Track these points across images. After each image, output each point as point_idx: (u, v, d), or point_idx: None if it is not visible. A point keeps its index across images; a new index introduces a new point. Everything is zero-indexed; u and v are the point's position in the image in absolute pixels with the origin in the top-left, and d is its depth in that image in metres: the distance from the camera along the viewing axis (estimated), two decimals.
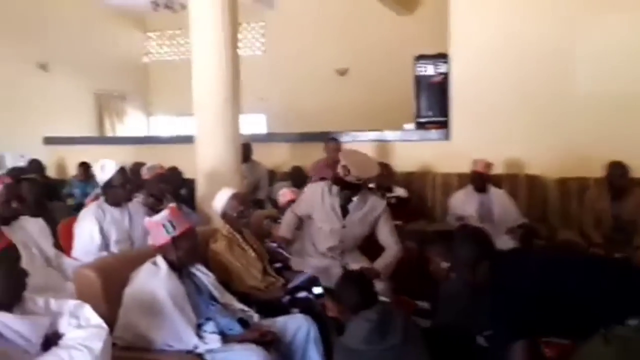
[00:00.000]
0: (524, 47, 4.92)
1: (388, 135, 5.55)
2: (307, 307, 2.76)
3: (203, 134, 4.09)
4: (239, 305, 2.59)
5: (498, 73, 5.01)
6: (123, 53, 9.76)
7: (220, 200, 3.10)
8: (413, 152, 5.36)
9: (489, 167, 4.51)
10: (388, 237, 3.35)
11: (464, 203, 4.50)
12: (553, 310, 2.09)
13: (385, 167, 4.93)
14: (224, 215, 3.09)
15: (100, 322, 1.81)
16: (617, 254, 3.66)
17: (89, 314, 1.83)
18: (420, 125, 5.52)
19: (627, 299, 2.04)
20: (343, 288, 2.43)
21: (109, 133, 9.27)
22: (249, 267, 2.98)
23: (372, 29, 8.06)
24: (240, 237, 3.06)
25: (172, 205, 2.48)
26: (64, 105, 8.26)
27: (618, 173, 4.11)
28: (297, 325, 2.55)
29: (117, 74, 9.43)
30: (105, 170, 3.21)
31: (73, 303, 1.85)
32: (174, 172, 4.75)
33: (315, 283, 2.95)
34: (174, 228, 2.35)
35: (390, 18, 7.89)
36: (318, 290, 2.89)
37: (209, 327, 2.33)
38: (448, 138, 5.23)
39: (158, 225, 2.36)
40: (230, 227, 3.06)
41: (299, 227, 3.47)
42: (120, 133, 9.41)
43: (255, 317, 2.57)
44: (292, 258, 3.33)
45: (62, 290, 2.76)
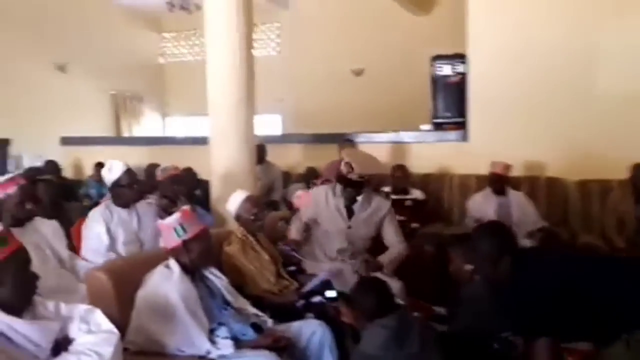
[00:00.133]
0: (544, 47, 4.81)
1: (404, 136, 5.48)
2: (321, 312, 2.71)
3: (217, 135, 4.06)
4: (253, 310, 2.55)
5: (517, 73, 4.92)
6: (139, 54, 9.81)
7: (234, 203, 3.07)
8: (430, 153, 5.28)
9: (508, 169, 4.43)
10: (393, 236, 3.37)
11: (482, 206, 4.42)
12: (575, 310, 2.03)
13: (402, 168, 4.87)
14: (238, 218, 3.07)
15: (111, 327, 1.78)
16: None
17: (100, 319, 1.80)
18: (438, 126, 5.44)
19: None
20: (359, 294, 2.37)
21: (126, 134, 9.33)
22: (263, 270, 2.94)
23: (388, 29, 7.99)
24: (254, 239, 3.03)
25: (184, 208, 2.44)
26: (81, 106, 8.32)
27: None
28: (311, 331, 2.50)
29: (133, 75, 9.49)
30: (113, 171, 3.19)
31: (84, 308, 1.83)
32: (189, 173, 4.74)
33: (329, 286, 2.91)
34: (185, 231, 2.32)
35: (407, 18, 7.82)
36: (331, 294, 2.86)
37: (222, 332, 2.29)
38: (466, 139, 5.15)
39: (169, 228, 2.33)
40: (244, 229, 3.03)
41: (308, 231, 3.44)
42: (137, 134, 9.46)
43: (269, 322, 2.53)
44: (305, 261, 3.29)
45: (75, 292, 2.74)
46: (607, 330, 2.01)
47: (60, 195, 4.61)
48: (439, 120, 5.43)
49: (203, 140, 4.29)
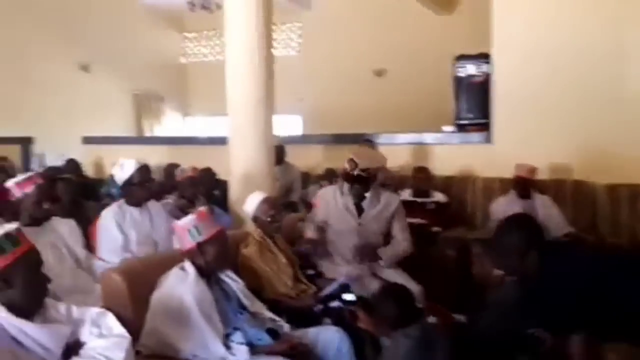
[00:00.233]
0: (572, 47, 4.66)
1: (426, 138, 5.37)
2: (340, 317, 2.64)
3: (236, 135, 4.02)
4: (269, 314, 2.49)
5: (544, 73, 4.77)
6: (162, 54, 9.87)
7: (251, 204, 3.03)
8: (453, 155, 5.16)
9: (534, 172, 4.30)
10: (399, 232, 3.32)
11: (507, 209, 4.25)
12: (606, 307, 1.95)
13: (423, 170, 4.78)
14: (255, 220, 3.02)
15: (123, 331, 1.74)
16: None
17: (112, 323, 1.76)
18: (461, 128, 5.32)
19: None
20: (382, 301, 2.30)
21: (147, 133, 9.39)
22: (280, 273, 2.88)
23: (410, 29, 7.89)
24: (272, 241, 2.98)
25: (200, 209, 2.39)
26: (104, 106, 8.40)
27: None
28: (329, 337, 2.43)
29: (155, 75, 9.54)
30: (124, 169, 3.15)
31: (95, 311, 1.79)
32: (207, 173, 4.73)
33: (347, 289, 2.84)
34: (200, 233, 2.27)
35: (429, 17, 7.71)
36: (349, 297, 2.79)
37: (237, 337, 2.24)
38: (490, 141, 5.02)
39: (184, 230, 2.29)
40: (262, 231, 2.98)
41: (323, 232, 3.37)
42: (158, 133, 9.52)
43: (286, 327, 2.47)
44: (323, 264, 3.23)
45: (91, 293, 2.73)
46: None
47: (80, 194, 4.62)
48: (462, 122, 5.31)
49: (222, 141, 4.26)
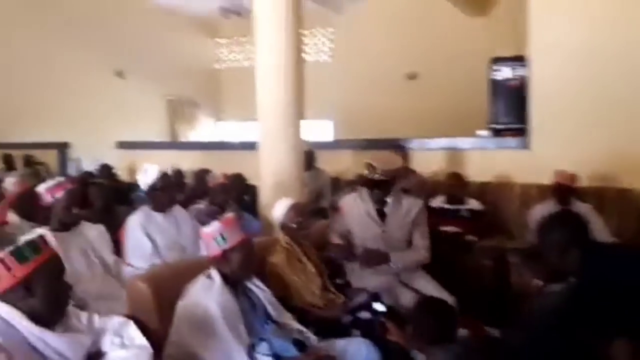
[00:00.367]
0: (615, 48, 4.44)
1: (460, 143, 5.21)
2: (369, 329, 2.56)
3: (266, 140, 3.99)
4: (296, 325, 2.42)
5: (584, 76, 4.57)
6: (194, 60, 10.00)
7: (279, 211, 2.97)
8: (488, 161, 4.99)
9: (574, 179, 4.11)
10: (418, 240, 3.18)
11: None
12: None
13: (457, 176, 4.63)
14: (283, 227, 2.96)
15: (144, 342, 1.70)
16: None
17: (134, 333, 1.72)
18: (496, 132, 5.15)
19: None
20: (420, 314, 2.19)
21: (181, 138, 9.50)
22: (308, 282, 2.81)
23: (443, 32, 7.77)
24: (300, 249, 2.91)
25: (227, 216, 2.35)
26: (139, 111, 8.55)
27: None
28: (357, 350, 2.34)
29: (189, 81, 9.67)
30: (148, 175, 3.16)
31: (118, 320, 1.75)
32: (238, 178, 4.70)
33: (377, 299, 2.76)
34: (225, 241, 2.22)
35: (463, 20, 7.58)
36: (379, 307, 2.70)
37: (263, 348, 2.18)
38: (527, 146, 4.83)
39: (210, 237, 2.25)
40: (289, 238, 2.92)
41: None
42: (191, 138, 9.62)
43: (313, 338, 2.39)
44: (351, 274, 3.14)
45: (119, 299, 2.70)
46: None
47: (113, 199, 4.66)
48: (497, 126, 5.15)
49: (253, 146, 4.23)
